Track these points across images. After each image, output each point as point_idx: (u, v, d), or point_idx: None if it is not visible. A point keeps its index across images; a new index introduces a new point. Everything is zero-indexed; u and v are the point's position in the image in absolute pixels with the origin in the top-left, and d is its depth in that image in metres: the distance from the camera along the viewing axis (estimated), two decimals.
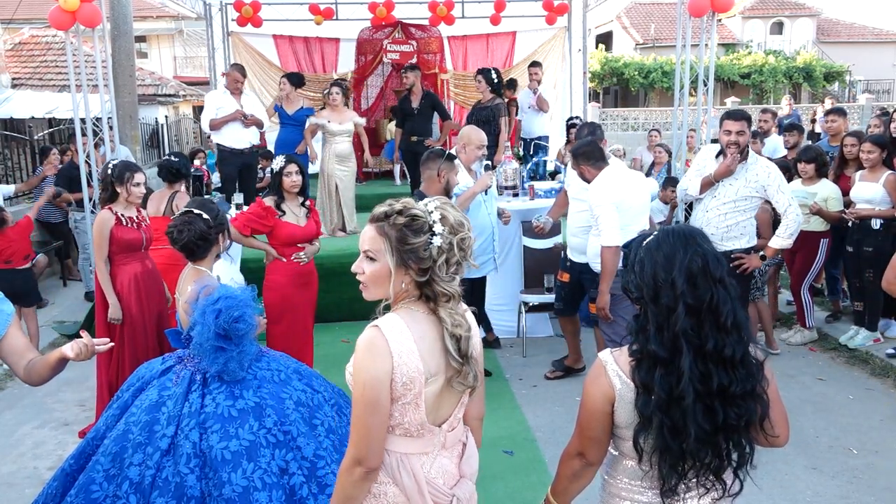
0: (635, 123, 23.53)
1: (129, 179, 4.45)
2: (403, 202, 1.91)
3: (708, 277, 1.77)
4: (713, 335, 1.76)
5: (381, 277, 1.90)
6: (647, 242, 1.87)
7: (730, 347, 1.77)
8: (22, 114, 10.68)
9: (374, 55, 11.29)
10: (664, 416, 1.77)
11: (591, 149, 4.52)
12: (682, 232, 1.85)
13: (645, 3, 33.25)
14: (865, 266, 5.67)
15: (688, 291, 1.76)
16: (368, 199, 8.59)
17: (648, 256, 1.83)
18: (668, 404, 1.77)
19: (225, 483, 2.62)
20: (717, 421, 1.77)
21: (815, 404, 4.91)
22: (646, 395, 1.80)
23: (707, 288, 1.77)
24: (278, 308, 4.59)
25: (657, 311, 1.79)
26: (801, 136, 7.28)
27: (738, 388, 1.78)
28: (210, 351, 2.76)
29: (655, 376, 1.77)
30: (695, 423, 1.76)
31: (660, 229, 1.90)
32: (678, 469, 1.81)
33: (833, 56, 30.48)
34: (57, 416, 5.03)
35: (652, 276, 1.80)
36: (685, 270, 1.77)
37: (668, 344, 1.77)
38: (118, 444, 2.80)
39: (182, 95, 19.13)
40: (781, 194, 4.66)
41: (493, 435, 4.51)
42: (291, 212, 4.63)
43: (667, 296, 1.77)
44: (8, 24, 17.25)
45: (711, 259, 1.80)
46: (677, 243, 1.81)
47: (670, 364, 1.77)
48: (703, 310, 1.76)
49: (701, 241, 1.83)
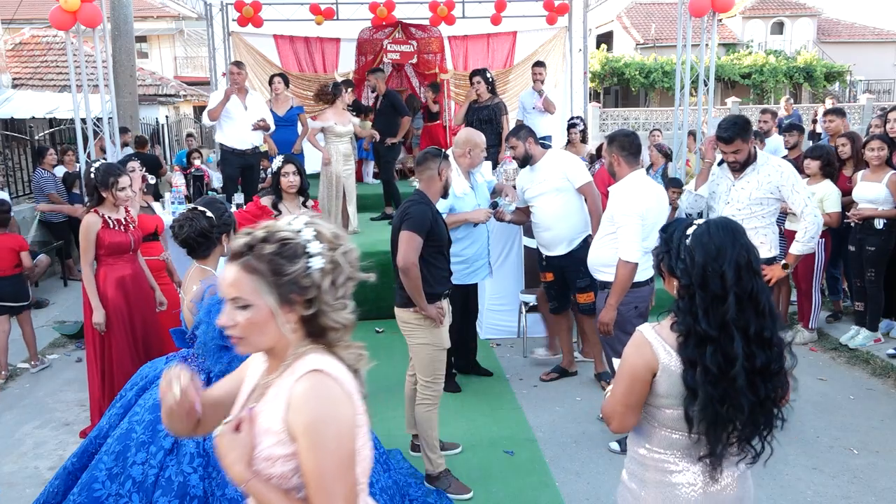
0: (636, 123, 23.52)
1: (113, 185, 4.39)
2: (265, 227, 1.61)
3: (750, 270, 1.97)
4: (755, 320, 1.95)
5: (261, 324, 1.58)
6: (694, 232, 2.01)
7: (768, 330, 1.97)
8: (22, 114, 10.67)
9: (374, 55, 11.29)
10: (713, 390, 1.94)
11: (630, 141, 4.19)
12: (729, 226, 2.02)
13: (645, 3, 33.25)
14: (867, 266, 5.67)
15: (735, 283, 1.94)
16: (367, 199, 8.62)
17: (699, 247, 1.98)
18: (718, 379, 1.94)
19: (228, 483, 2.62)
20: (760, 394, 1.97)
21: (815, 404, 4.91)
22: (692, 370, 1.96)
23: (749, 279, 1.96)
24: None
25: (705, 296, 1.96)
26: (802, 136, 7.26)
27: (777, 366, 1.98)
28: (214, 350, 2.77)
29: (706, 354, 1.94)
30: (745, 398, 1.95)
31: (705, 220, 2.05)
32: (723, 438, 1.98)
33: (834, 56, 30.47)
34: (58, 416, 5.03)
35: (702, 265, 1.96)
36: (734, 264, 1.95)
37: (714, 325, 1.94)
38: (121, 443, 2.81)
39: (182, 95, 19.15)
40: (796, 194, 4.30)
41: (493, 435, 4.51)
42: (289, 212, 4.62)
43: (714, 284, 1.95)
44: (9, 24, 17.27)
45: (754, 253, 2.00)
46: (726, 237, 1.98)
47: (718, 343, 1.94)
48: (746, 298, 1.95)
49: (744, 235, 2.02)
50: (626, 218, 4.03)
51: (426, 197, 3.85)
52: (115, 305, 4.40)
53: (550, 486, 3.92)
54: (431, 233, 3.73)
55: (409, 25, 11.19)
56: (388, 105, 8.22)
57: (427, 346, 3.79)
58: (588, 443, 4.28)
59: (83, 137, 7.24)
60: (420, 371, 3.85)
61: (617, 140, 4.21)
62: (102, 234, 4.40)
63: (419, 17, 10.92)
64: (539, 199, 5.07)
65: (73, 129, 7.36)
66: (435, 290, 3.78)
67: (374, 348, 7.11)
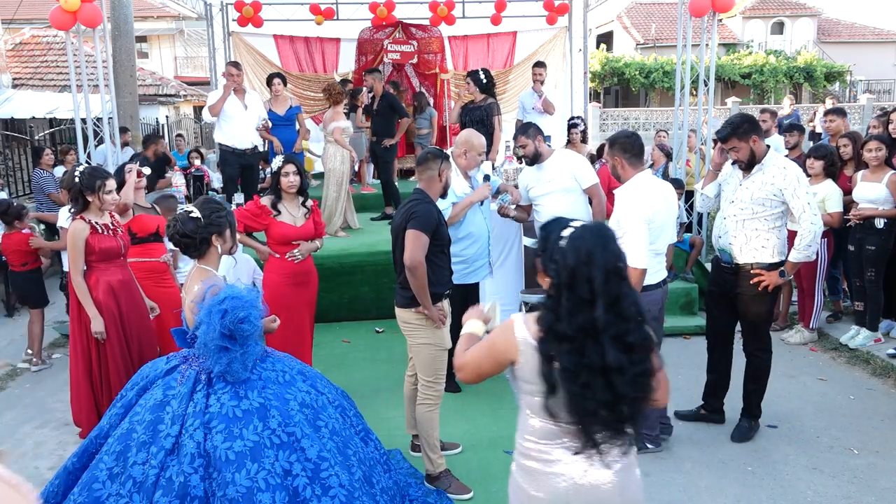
0: (636, 123, 23.54)
1: (100, 188, 4.30)
2: None
3: (618, 275, 2.03)
4: (617, 323, 2.01)
5: None
6: (569, 234, 2.07)
7: (632, 335, 2.02)
8: (23, 114, 10.68)
9: (374, 55, 11.30)
10: (570, 385, 2.01)
11: (632, 142, 4.06)
12: (601, 231, 2.08)
13: (646, 2, 33.26)
14: (867, 266, 5.67)
15: (602, 286, 2.00)
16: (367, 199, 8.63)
17: (571, 249, 2.04)
18: (573, 375, 2.01)
19: (229, 483, 2.63)
20: (616, 393, 2.01)
21: (815, 404, 4.91)
22: (548, 365, 2.04)
23: (616, 284, 2.02)
24: (272, 307, 4.54)
25: (571, 297, 2.02)
26: (802, 136, 7.26)
27: (638, 368, 2.03)
28: (214, 351, 2.76)
29: (562, 350, 2.02)
30: (595, 393, 2.00)
31: (582, 223, 2.11)
32: (586, 430, 2.05)
33: (834, 56, 30.48)
34: (58, 416, 5.03)
35: (573, 268, 2.02)
36: (603, 269, 2.01)
37: (575, 326, 2.01)
38: (122, 443, 2.80)
39: (183, 95, 19.15)
40: (796, 199, 4.08)
41: (493, 435, 4.51)
42: (288, 212, 4.62)
43: (582, 287, 2.01)
44: (9, 24, 17.26)
45: (622, 259, 2.06)
46: (597, 242, 2.04)
47: (575, 342, 2.01)
48: (612, 302, 2.01)
49: (614, 241, 2.08)
50: (632, 224, 3.90)
51: (428, 196, 3.85)
52: (108, 311, 4.35)
53: None
54: (436, 232, 3.72)
55: (410, 25, 11.20)
56: (387, 106, 8.19)
57: (428, 346, 3.79)
58: None
59: (83, 137, 7.24)
60: (421, 371, 3.85)
61: (618, 142, 4.09)
62: (92, 240, 4.31)
63: (419, 17, 10.93)
64: (546, 198, 5.06)
65: (73, 129, 7.36)
66: (436, 290, 3.77)
67: (374, 348, 7.13)
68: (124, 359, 4.41)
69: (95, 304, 4.33)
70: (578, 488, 2.12)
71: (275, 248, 4.63)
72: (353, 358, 5.81)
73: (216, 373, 2.84)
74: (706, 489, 3.86)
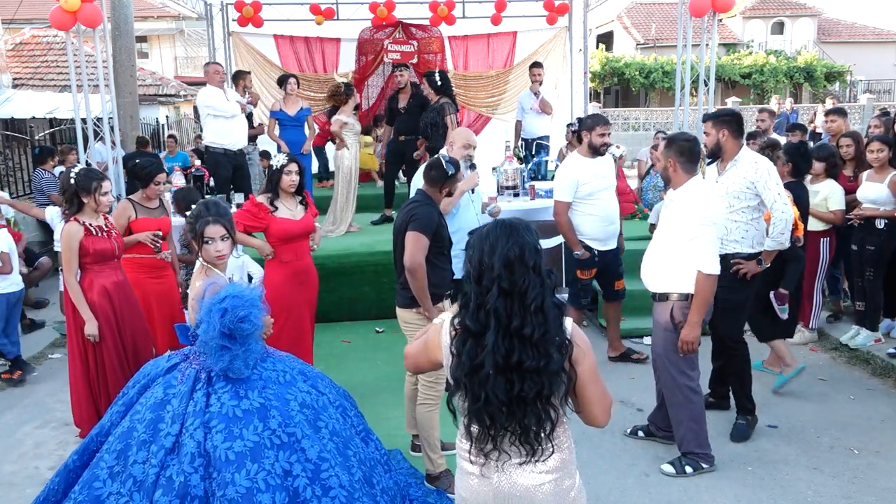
0: (636, 123, 23.54)
1: (96, 189, 4.29)
2: None
3: (523, 265, 1.99)
4: (519, 315, 1.98)
5: None
6: (481, 231, 2.10)
7: (530, 327, 1.97)
8: (23, 114, 10.68)
9: (374, 55, 11.29)
10: (468, 382, 2.01)
11: (690, 147, 3.89)
12: (508, 223, 2.07)
13: (646, 2, 33.24)
14: (867, 265, 5.68)
15: (504, 275, 1.98)
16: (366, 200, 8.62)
17: (478, 243, 2.05)
18: (472, 372, 2.00)
19: (228, 483, 2.62)
20: (513, 391, 1.99)
21: (816, 404, 4.92)
22: (456, 361, 2.05)
23: (522, 274, 1.99)
24: (273, 307, 4.53)
25: (479, 291, 2.02)
26: (804, 135, 7.27)
27: (533, 364, 1.97)
28: (214, 349, 2.76)
29: (465, 346, 2.02)
30: (492, 392, 1.98)
31: (494, 220, 2.12)
32: (486, 430, 2.04)
33: (834, 56, 30.47)
34: (58, 416, 5.03)
35: (478, 260, 2.03)
36: (503, 257, 1.99)
37: (482, 321, 2.00)
38: (122, 442, 2.80)
39: (183, 95, 19.16)
40: (767, 190, 4.23)
41: None
42: (286, 207, 4.61)
43: (487, 279, 2.00)
44: (9, 24, 17.26)
45: (529, 249, 2.02)
46: (501, 233, 2.03)
47: (479, 337, 2.00)
48: (514, 293, 1.98)
49: (523, 232, 2.04)
50: (704, 227, 3.74)
51: (430, 198, 3.85)
52: (103, 313, 4.34)
53: None
54: (436, 234, 3.72)
55: (410, 25, 11.19)
56: (417, 105, 7.80)
57: None
58: (588, 443, 4.27)
59: (83, 137, 7.25)
60: None
61: (676, 143, 3.92)
62: (86, 242, 4.29)
63: (419, 17, 10.92)
64: (605, 192, 5.24)
65: (74, 129, 7.36)
66: (437, 291, 3.77)
67: (374, 348, 7.12)
68: (120, 360, 4.41)
69: (90, 306, 4.31)
70: (486, 488, 2.11)
71: (277, 245, 4.61)
72: (353, 358, 5.80)
73: (217, 371, 2.84)
74: (706, 489, 3.86)
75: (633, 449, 4.32)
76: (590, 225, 5.32)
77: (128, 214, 4.86)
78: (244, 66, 10.96)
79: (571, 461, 2.18)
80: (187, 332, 3.02)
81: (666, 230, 3.98)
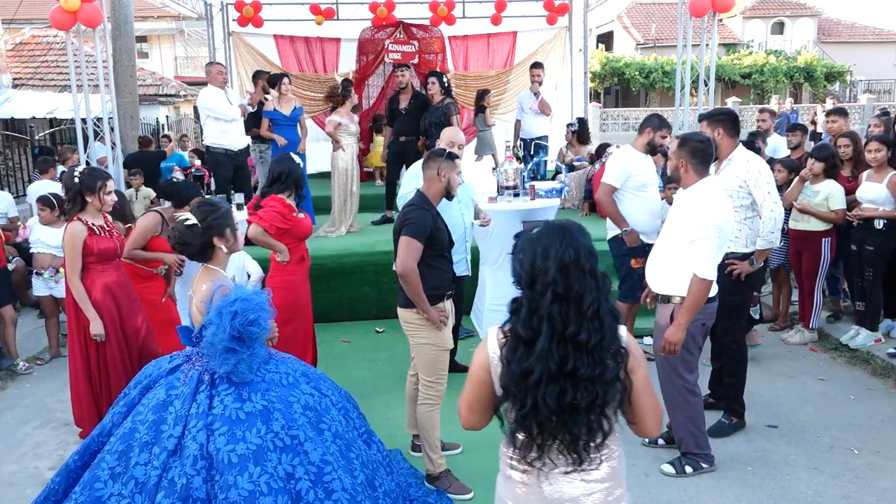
0: (636, 123, 23.48)
1: (101, 188, 4.31)
2: None
3: (579, 268, 1.92)
4: (575, 321, 1.91)
5: None
6: (530, 234, 2.02)
7: (586, 333, 1.90)
8: (23, 114, 10.69)
9: (375, 55, 11.30)
10: (517, 390, 1.94)
11: (703, 148, 3.81)
12: (561, 225, 2.00)
13: (646, 2, 33.24)
14: (866, 265, 5.68)
15: (559, 279, 1.91)
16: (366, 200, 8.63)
17: (529, 246, 1.98)
18: (523, 379, 1.92)
19: (231, 486, 2.62)
20: (566, 400, 1.91)
21: (816, 404, 4.92)
22: (507, 369, 1.97)
23: (577, 278, 1.92)
24: (291, 309, 4.47)
25: (531, 296, 1.94)
26: (805, 136, 7.27)
27: (588, 372, 1.91)
28: (221, 352, 2.75)
29: (517, 354, 1.94)
30: (543, 401, 1.91)
31: (544, 223, 2.05)
32: (536, 440, 1.96)
33: (834, 56, 30.48)
34: (58, 416, 5.03)
35: (530, 264, 1.95)
36: (558, 261, 1.92)
37: (535, 327, 1.92)
38: (124, 443, 2.79)
39: (183, 95, 19.17)
40: (758, 189, 4.25)
41: (494, 435, 4.48)
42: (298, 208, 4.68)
43: (541, 283, 1.93)
44: (9, 24, 17.26)
45: (584, 251, 1.95)
46: (555, 236, 1.96)
47: (532, 345, 1.92)
48: (570, 297, 1.91)
49: (577, 234, 1.98)
50: (705, 231, 3.67)
51: (427, 200, 3.83)
52: (108, 311, 4.35)
53: None
54: (432, 237, 3.72)
55: (410, 25, 11.20)
56: (418, 106, 7.80)
57: (429, 346, 3.79)
58: None
59: (83, 137, 7.25)
60: (422, 371, 3.85)
61: (689, 144, 3.81)
62: (91, 242, 4.30)
63: (419, 17, 10.93)
64: (654, 188, 5.27)
65: (74, 129, 7.36)
66: (436, 292, 3.77)
67: (374, 348, 7.12)
68: (122, 358, 4.42)
69: (94, 305, 4.32)
70: (535, 498, 2.05)
71: (294, 245, 4.60)
72: (353, 358, 5.80)
73: (221, 373, 2.83)
74: (706, 489, 3.86)
75: (633, 449, 4.32)
76: (639, 216, 5.26)
77: (157, 231, 4.77)
78: (244, 66, 10.98)
79: (622, 470, 2.11)
80: (190, 333, 3.00)
81: (671, 231, 3.93)
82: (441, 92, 7.51)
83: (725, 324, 4.35)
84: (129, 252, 4.69)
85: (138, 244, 4.75)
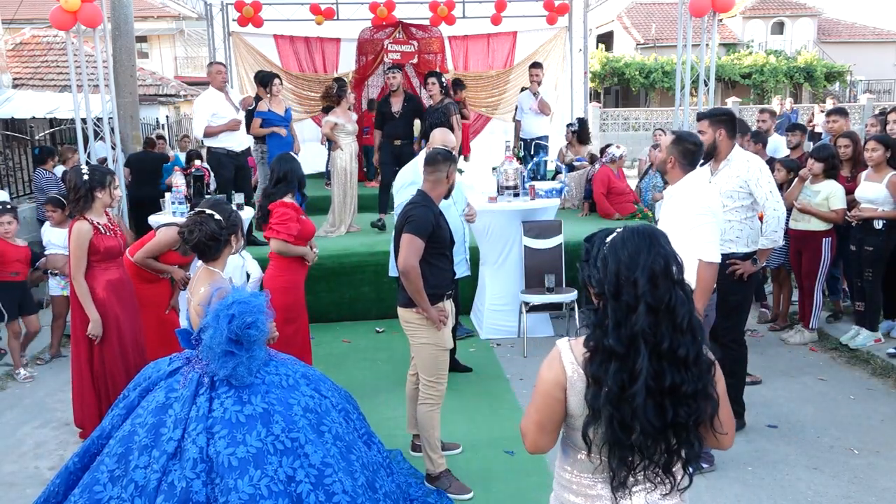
0: (636, 123, 23.53)
1: (110, 183, 4.39)
2: None
3: (668, 278, 1.80)
4: (669, 335, 1.78)
5: None
6: (611, 239, 1.87)
7: (684, 348, 1.79)
8: (23, 114, 10.67)
9: (375, 55, 11.30)
10: (614, 410, 1.79)
11: (693, 150, 3.88)
12: (647, 232, 1.87)
13: (646, 2, 33.24)
14: (865, 265, 5.68)
15: (649, 291, 1.78)
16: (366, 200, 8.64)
17: (613, 254, 1.84)
18: (619, 399, 1.78)
19: (231, 490, 2.61)
20: (667, 418, 1.80)
21: (815, 404, 4.92)
22: (596, 388, 1.82)
23: (667, 289, 1.79)
24: (293, 309, 4.49)
25: (617, 307, 1.80)
26: (804, 136, 7.27)
27: (690, 388, 1.80)
28: (220, 355, 2.75)
29: (609, 370, 1.79)
30: (644, 419, 1.78)
31: (624, 227, 1.91)
32: (627, 462, 1.83)
33: (834, 56, 30.46)
34: (58, 416, 5.03)
35: (615, 273, 1.82)
36: (648, 270, 1.79)
37: (624, 340, 1.79)
38: (124, 445, 2.78)
39: (183, 95, 19.15)
40: (759, 188, 4.27)
41: (493, 435, 4.51)
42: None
43: (628, 294, 1.79)
44: (9, 24, 17.26)
45: (673, 260, 1.82)
46: (642, 243, 1.83)
47: (625, 359, 1.78)
48: (661, 310, 1.78)
49: (664, 242, 1.85)
50: (702, 217, 3.74)
51: (429, 199, 3.84)
52: (111, 308, 4.37)
53: (551, 486, 3.91)
54: (433, 235, 3.73)
55: (410, 25, 11.21)
56: (411, 109, 7.87)
57: (429, 346, 3.79)
58: None
59: (83, 137, 7.25)
60: (423, 371, 3.86)
61: (683, 144, 3.88)
62: (97, 241, 4.33)
63: (419, 17, 10.94)
64: None
65: (74, 129, 7.36)
66: (436, 291, 3.78)
67: (374, 348, 7.12)
68: (123, 356, 4.44)
69: (97, 302, 4.34)
70: None
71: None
72: (353, 358, 5.80)
73: (220, 377, 2.82)
74: (706, 489, 3.86)
75: None
76: None
77: (175, 246, 4.72)
78: (244, 66, 10.98)
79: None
80: (189, 336, 3.00)
81: (666, 226, 3.93)
82: (441, 92, 7.52)
83: (726, 324, 4.35)
84: (142, 260, 4.73)
85: (153, 254, 4.77)
